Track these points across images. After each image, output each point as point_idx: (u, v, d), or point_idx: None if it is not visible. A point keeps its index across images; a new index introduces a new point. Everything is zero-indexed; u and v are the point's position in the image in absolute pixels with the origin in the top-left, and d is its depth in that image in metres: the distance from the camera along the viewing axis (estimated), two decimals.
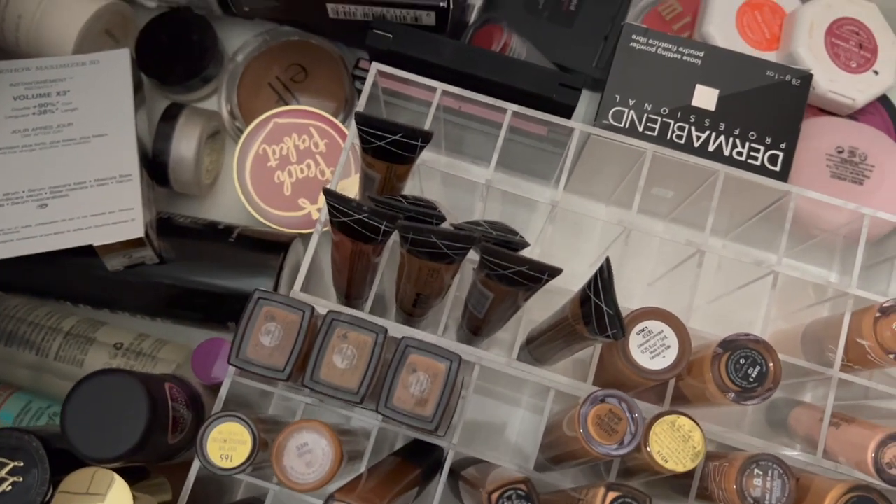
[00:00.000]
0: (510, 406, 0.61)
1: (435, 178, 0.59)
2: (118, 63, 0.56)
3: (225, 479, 0.55)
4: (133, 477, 0.42)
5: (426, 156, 0.52)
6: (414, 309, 0.49)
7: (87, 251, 0.51)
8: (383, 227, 0.42)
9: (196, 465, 0.44)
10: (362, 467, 0.46)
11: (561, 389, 0.46)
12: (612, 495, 0.37)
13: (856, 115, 0.58)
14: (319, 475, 0.38)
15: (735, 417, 0.50)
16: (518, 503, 0.37)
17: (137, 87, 0.57)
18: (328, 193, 0.41)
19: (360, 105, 0.50)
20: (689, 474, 0.46)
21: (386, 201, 0.42)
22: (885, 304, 0.45)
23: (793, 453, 0.45)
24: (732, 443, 0.46)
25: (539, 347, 0.48)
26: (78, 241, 0.49)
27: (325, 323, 0.41)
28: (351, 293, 0.50)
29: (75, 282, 0.54)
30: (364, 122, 0.42)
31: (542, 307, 0.49)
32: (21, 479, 0.39)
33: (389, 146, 0.43)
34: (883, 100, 0.59)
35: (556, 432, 0.46)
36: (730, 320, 0.58)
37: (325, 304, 0.48)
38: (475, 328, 0.49)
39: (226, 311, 0.54)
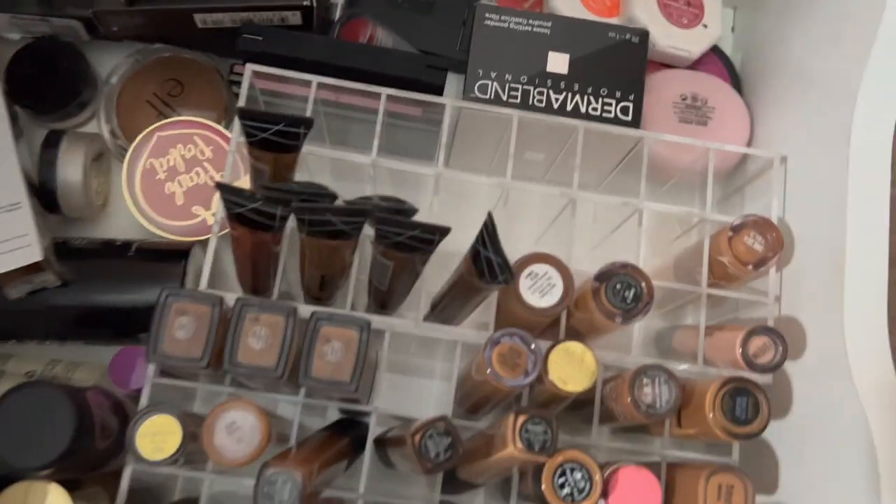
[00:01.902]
0: (425, 379, 0.64)
1: (325, 171, 0.62)
2: None
3: (159, 488, 0.56)
4: (66, 489, 0.43)
5: (312, 150, 0.54)
6: (321, 293, 0.52)
7: None
8: (279, 213, 0.44)
9: (129, 471, 0.45)
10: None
11: (467, 341, 0.50)
12: (521, 418, 0.41)
13: (694, 66, 0.65)
14: (251, 448, 0.40)
15: (624, 348, 0.55)
16: (439, 439, 0.41)
17: (13, 120, 0.57)
18: (221, 187, 0.43)
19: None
20: (591, 400, 0.50)
21: (278, 187, 0.45)
22: (734, 224, 0.51)
23: (679, 367, 0.51)
24: (626, 365, 0.51)
25: (443, 311, 0.52)
26: None
27: (235, 309, 0.43)
28: (257, 287, 0.52)
29: None
30: (246, 115, 0.45)
31: (440, 280, 0.52)
32: None
33: (274, 137, 0.46)
34: (715, 50, 0.66)
35: (467, 383, 0.50)
36: None
37: (232, 296, 0.50)
38: (382, 302, 0.52)
39: (135, 324, 0.55)
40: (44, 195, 0.57)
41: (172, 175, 0.58)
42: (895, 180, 0.49)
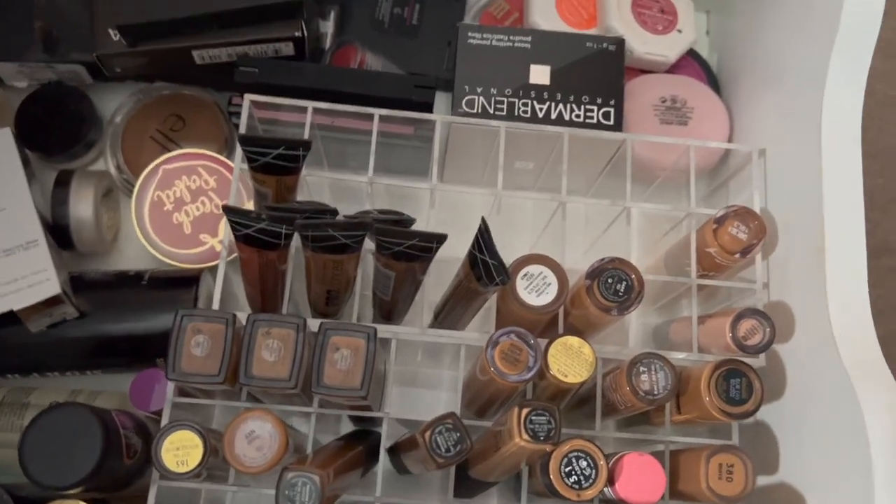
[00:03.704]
0: (433, 390, 0.66)
1: (324, 193, 0.64)
2: (1, 142, 0.59)
3: None
4: None
5: (311, 173, 0.57)
6: (327, 308, 0.54)
7: (5, 322, 0.54)
8: (283, 231, 0.47)
9: (155, 487, 0.47)
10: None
11: (471, 343, 0.52)
12: (525, 410, 0.43)
13: (672, 70, 0.68)
14: (271, 455, 0.43)
15: (622, 344, 0.57)
16: (448, 435, 0.43)
17: (25, 163, 0.60)
18: (228, 210, 0.46)
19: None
20: (593, 395, 0.52)
21: (281, 207, 0.47)
22: (717, 216, 0.53)
23: (676, 356, 0.53)
24: (624, 357, 0.53)
25: (446, 318, 0.54)
26: None
27: (248, 324, 0.45)
28: (265, 307, 0.54)
29: None
30: (248, 141, 0.47)
31: (440, 291, 0.54)
32: None
33: (275, 160, 0.48)
34: (691, 53, 0.69)
35: (473, 385, 0.52)
36: None
37: (244, 315, 0.52)
38: (386, 312, 0.54)
39: (152, 349, 0.57)
40: (57, 232, 0.59)
41: (179, 206, 0.61)
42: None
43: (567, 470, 0.45)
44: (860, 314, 0.48)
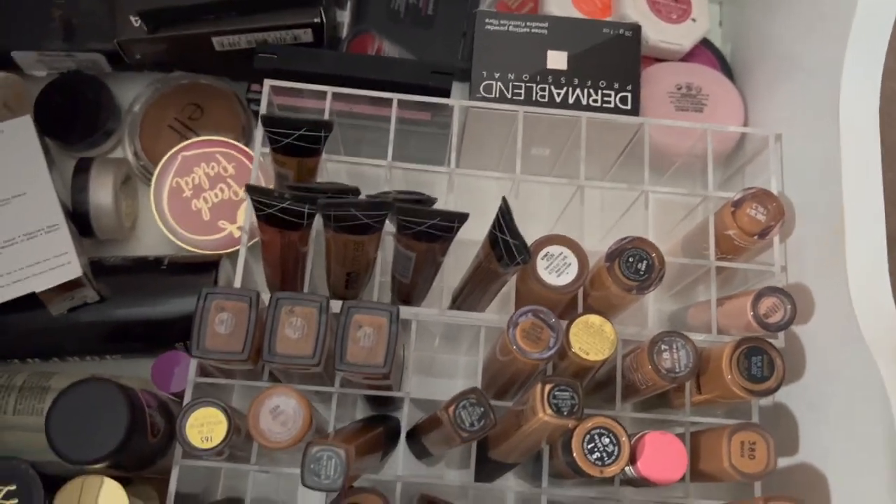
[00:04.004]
0: (449, 379, 0.66)
1: (342, 180, 0.65)
2: (22, 129, 0.59)
3: (201, 495, 0.58)
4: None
5: (330, 157, 0.57)
6: (347, 291, 0.54)
7: (26, 306, 0.54)
8: (306, 210, 0.47)
9: (178, 465, 0.48)
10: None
11: (491, 325, 0.52)
12: (549, 386, 0.43)
13: (686, 58, 0.68)
14: (295, 430, 0.43)
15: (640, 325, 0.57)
16: (472, 409, 0.43)
17: (44, 151, 0.60)
18: (251, 189, 0.46)
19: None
20: (613, 378, 0.52)
21: (303, 186, 0.48)
22: (735, 198, 0.53)
23: (695, 337, 0.53)
24: (644, 338, 0.53)
25: (465, 300, 0.54)
26: (20, 291, 0.52)
27: (271, 304, 0.46)
28: (286, 290, 0.54)
29: (20, 339, 0.57)
30: (270, 122, 0.48)
31: (458, 276, 0.55)
32: (17, 502, 0.41)
33: (297, 141, 0.48)
34: (705, 42, 0.69)
35: (493, 366, 0.52)
36: None
37: (266, 295, 0.52)
38: (405, 295, 0.54)
39: (171, 334, 0.57)
40: (77, 219, 0.60)
41: (198, 192, 0.61)
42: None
43: (590, 447, 0.45)
44: (881, 294, 0.48)
